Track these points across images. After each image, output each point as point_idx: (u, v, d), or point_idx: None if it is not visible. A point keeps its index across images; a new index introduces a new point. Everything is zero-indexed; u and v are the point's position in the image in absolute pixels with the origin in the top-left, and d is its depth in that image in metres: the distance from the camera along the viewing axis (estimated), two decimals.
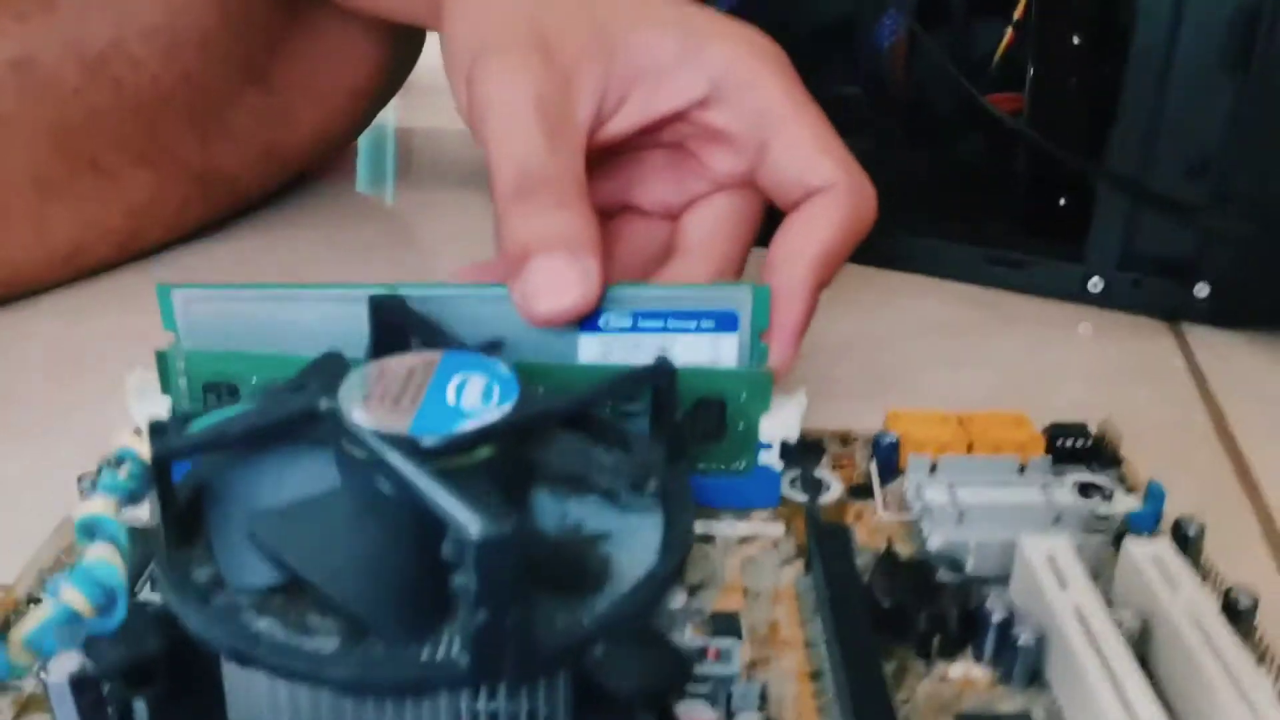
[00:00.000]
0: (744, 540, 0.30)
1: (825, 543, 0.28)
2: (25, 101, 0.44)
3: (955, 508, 0.29)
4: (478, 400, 0.24)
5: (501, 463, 0.24)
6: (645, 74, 0.33)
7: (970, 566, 0.29)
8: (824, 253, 0.32)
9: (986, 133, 0.47)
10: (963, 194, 0.53)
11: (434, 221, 0.59)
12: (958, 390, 0.41)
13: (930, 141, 0.53)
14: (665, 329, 0.30)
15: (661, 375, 0.26)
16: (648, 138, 0.35)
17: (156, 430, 0.22)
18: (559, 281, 0.29)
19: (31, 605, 0.27)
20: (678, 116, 0.34)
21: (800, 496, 0.32)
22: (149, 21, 0.47)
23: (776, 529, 0.31)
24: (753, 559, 0.30)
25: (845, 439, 0.35)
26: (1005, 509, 0.29)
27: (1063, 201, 0.49)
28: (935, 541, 0.29)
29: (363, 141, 0.69)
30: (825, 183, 0.32)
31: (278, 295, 0.30)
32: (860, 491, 0.32)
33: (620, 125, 0.33)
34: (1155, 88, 0.42)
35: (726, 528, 0.31)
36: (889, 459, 0.33)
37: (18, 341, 0.44)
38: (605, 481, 0.25)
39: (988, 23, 0.52)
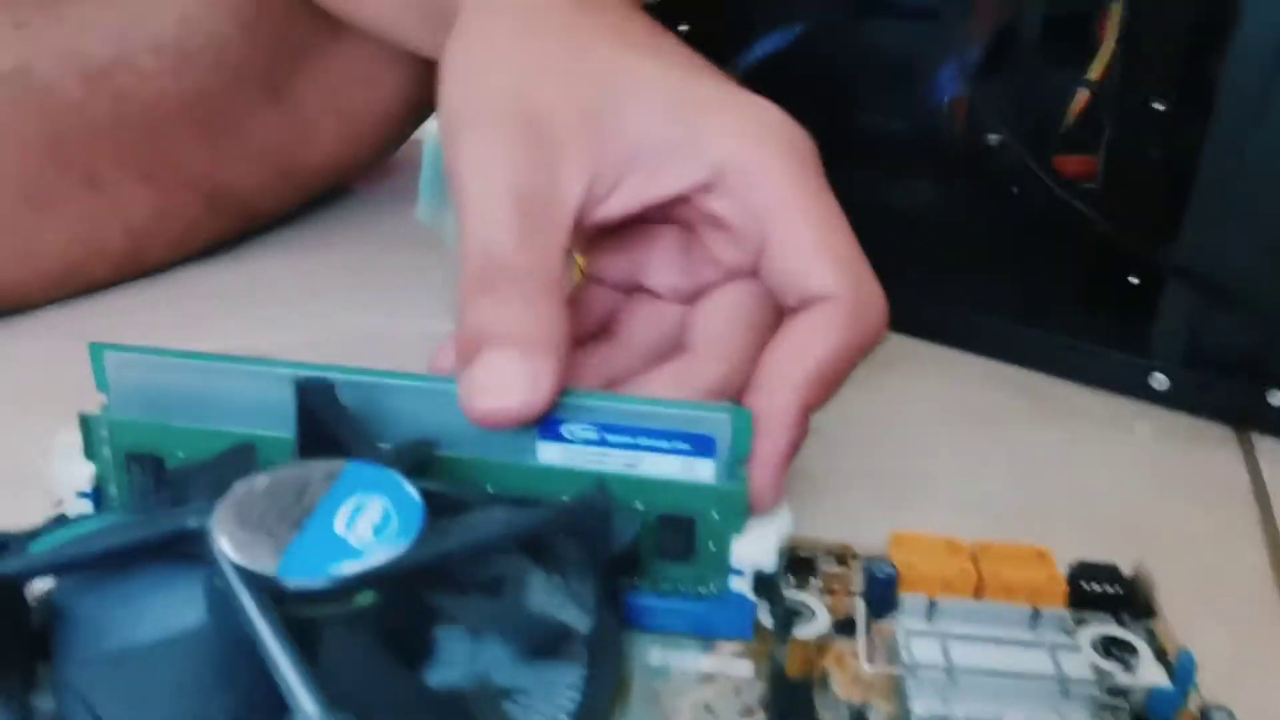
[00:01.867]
0: (704, 679, 0.27)
1: (784, 703, 0.25)
2: (18, 112, 0.42)
3: (947, 670, 0.25)
4: (369, 533, 0.21)
5: (390, 608, 0.20)
6: (640, 157, 0.30)
7: None
8: (814, 377, 0.28)
9: (1050, 197, 0.43)
10: (1017, 258, 0.49)
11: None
12: (982, 495, 0.37)
13: (985, 199, 0.49)
14: (635, 446, 0.27)
15: (595, 516, 0.23)
16: (656, 213, 0.32)
17: None
18: (505, 380, 0.26)
19: None
20: (679, 199, 0.31)
21: (777, 625, 0.28)
22: (159, 32, 0.44)
23: (744, 668, 0.27)
24: (708, 706, 0.26)
25: (842, 556, 0.31)
26: (1004, 676, 0.25)
27: (1133, 280, 0.44)
28: (919, 708, 0.25)
29: (425, 162, 0.66)
30: (823, 291, 0.28)
31: (211, 367, 0.28)
32: (849, 628, 0.28)
33: (614, 209, 0.30)
34: (1236, 174, 0.38)
35: (687, 661, 0.27)
36: (883, 595, 0.29)
37: None
38: (516, 643, 0.21)
39: (1061, 69, 0.47)
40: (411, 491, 0.22)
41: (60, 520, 0.27)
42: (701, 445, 0.27)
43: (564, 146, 0.29)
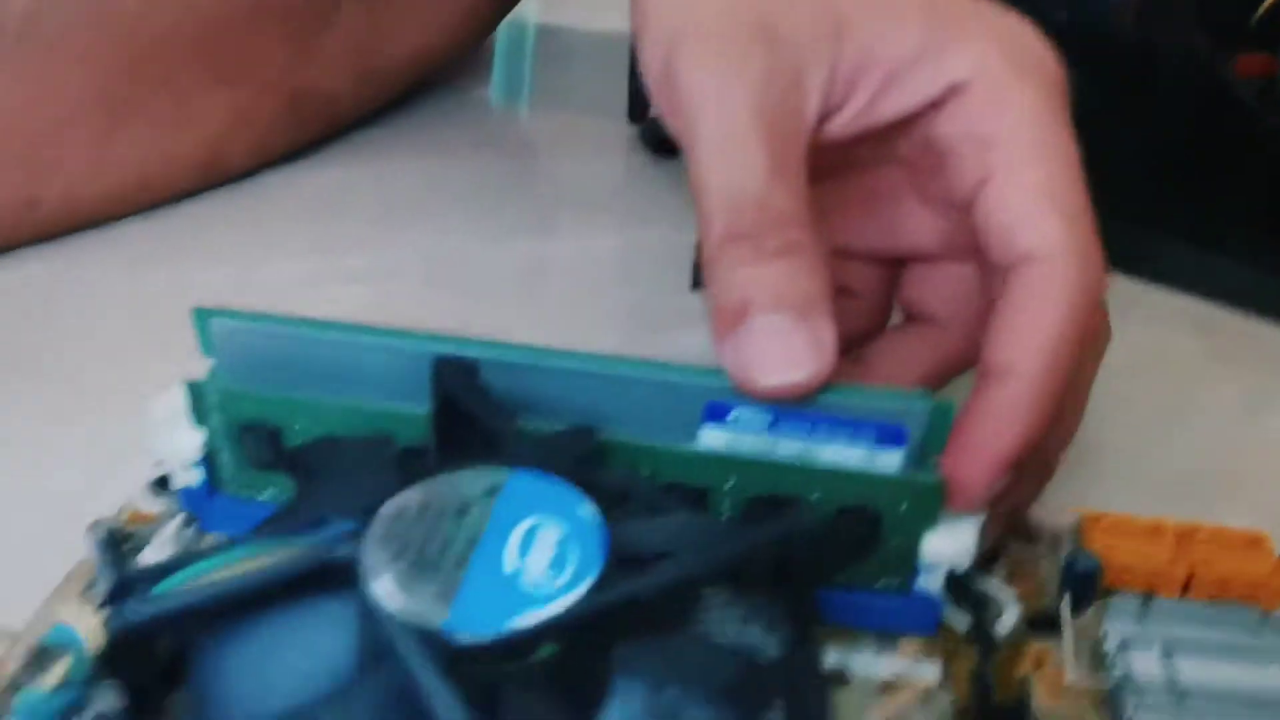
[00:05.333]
0: (887, 687, 0.24)
1: None
2: (89, 19, 0.38)
3: (1172, 688, 0.22)
4: (545, 569, 0.18)
5: (568, 657, 0.18)
6: (876, 67, 0.26)
7: None
8: (1048, 359, 0.24)
9: (1229, 103, 0.38)
10: (1191, 172, 0.44)
11: (559, 149, 0.52)
12: (1173, 460, 0.33)
13: (1163, 112, 0.44)
14: (811, 435, 0.23)
15: (795, 543, 0.20)
16: (872, 150, 0.28)
17: (118, 592, 0.17)
18: (788, 350, 0.22)
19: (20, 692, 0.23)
20: (905, 123, 0.26)
21: (962, 623, 0.25)
22: None
23: (930, 672, 0.24)
24: None
25: (1029, 534, 0.28)
26: (1238, 697, 0.22)
27: None
28: None
29: (498, 43, 0.62)
30: (1040, 249, 0.24)
31: (332, 339, 0.25)
32: (1043, 624, 0.25)
33: (838, 129, 0.26)
34: None
35: (866, 663, 0.24)
36: (1085, 589, 0.25)
37: (71, 289, 0.39)
38: (702, 687, 0.18)
39: None
40: (589, 513, 0.19)
41: (185, 557, 0.23)
42: (890, 436, 0.23)
43: (803, 52, 0.25)
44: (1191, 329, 0.39)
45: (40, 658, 0.16)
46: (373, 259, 0.41)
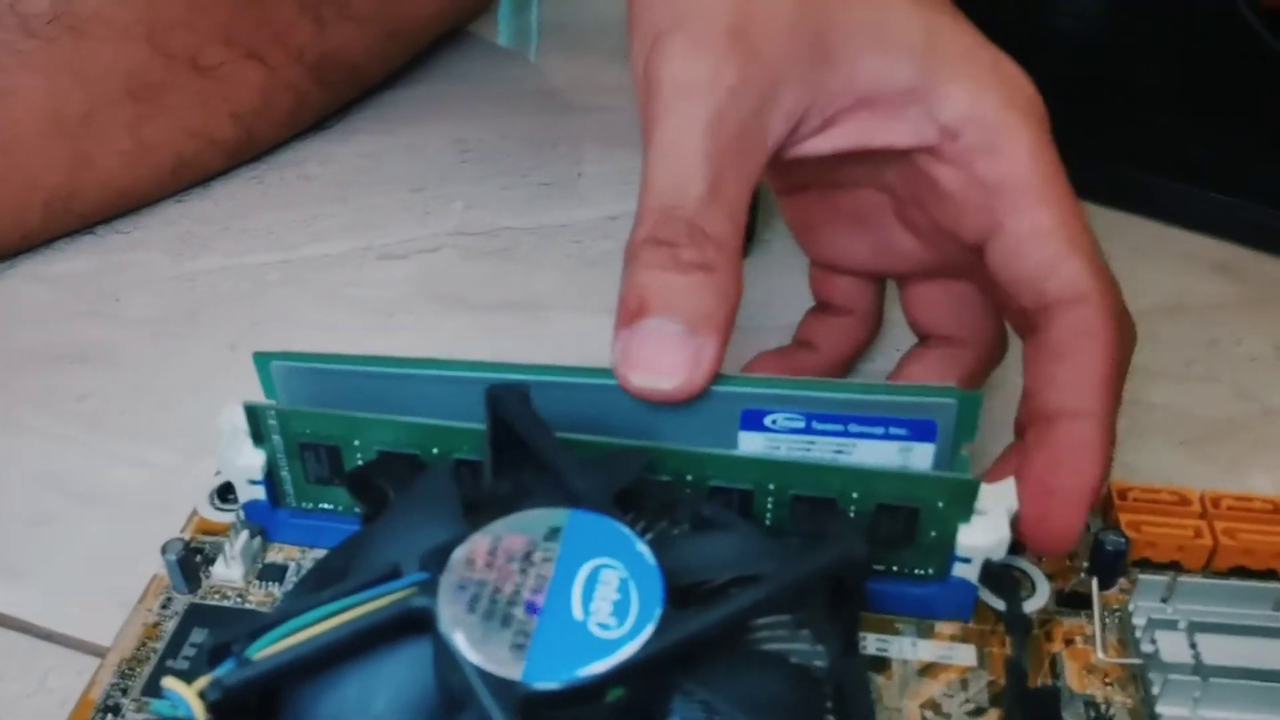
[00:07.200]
0: (925, 669, 0.25)
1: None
2: None
3: (1197, 670, 0.24)
4: (609, 613, 0.19)
5: (636, 694, 0.19)
6: (863, 102, 0.26)
7: None
8: (1106, 399, 0.25)
9: (1249, 36, 0.38)
10: (1228, 122, 0.43)
11: (581, 101, 0.52)
12: (1192, 409, 0.34)
13: (1185, 55, 0.43)
14: (845, 434, 0.24)
15: (848, 566, 0.21)
16: (862, 173, 0.28)
17: (215, 656, 0.18)
18: (665, 357, 0.24)
19: (109, 716, 0.25)
20: (893, 154, 0.27)
21: (997, 603, 0.26)
22: None
23: (967, 654, 0.26)
24: (936, 704, 0.25)
25: None
26: (1261, 675, 0.23)
27: None
28: (1167, 712, 0.23)
29: None
30: (1068, 294, 0.25)
31: (386, 374, 0.26)
32: (1072, 601, 0.27)
33: (818, 148, 0.27)
34: None
35: (905, 647, 0.26)
36: (1113, 566, 0.27)
37: (120, 280, 0.40)
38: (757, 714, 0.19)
39: None
40: (645, 553, 0.20)
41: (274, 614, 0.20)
42: (921, 430, 0.25)
43: (778, 72, 0.25)
44: (1216, 272, 0.39)
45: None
46: (410, 234, 0.42)
